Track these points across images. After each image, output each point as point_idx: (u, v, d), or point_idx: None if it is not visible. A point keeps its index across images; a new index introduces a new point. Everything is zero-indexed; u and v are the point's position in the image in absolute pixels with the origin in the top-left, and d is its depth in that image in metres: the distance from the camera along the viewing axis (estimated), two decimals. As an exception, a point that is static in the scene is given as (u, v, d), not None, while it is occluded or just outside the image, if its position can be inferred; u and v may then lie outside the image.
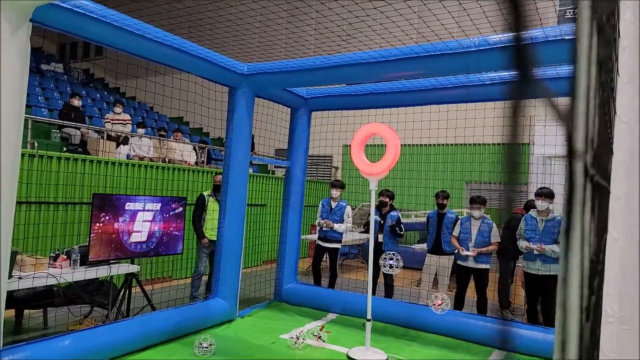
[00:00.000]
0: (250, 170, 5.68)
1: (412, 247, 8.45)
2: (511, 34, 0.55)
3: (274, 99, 5.95)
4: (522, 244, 5.24)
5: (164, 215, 5.06)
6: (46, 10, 3.23)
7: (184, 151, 8.79)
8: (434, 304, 4.85)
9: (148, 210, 4.90)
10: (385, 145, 4.29)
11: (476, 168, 9.69)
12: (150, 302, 4.94)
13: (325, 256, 6.65)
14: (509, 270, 6.29)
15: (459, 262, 5.68)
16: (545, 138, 6.27)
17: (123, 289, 4.81)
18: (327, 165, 13.01)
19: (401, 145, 4.32)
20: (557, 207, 5.36)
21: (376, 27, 4.61)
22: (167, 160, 8.31)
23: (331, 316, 5.74)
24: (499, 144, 9.77)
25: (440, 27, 4.02)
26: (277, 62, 5.13)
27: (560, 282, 0.79)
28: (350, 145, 4.72)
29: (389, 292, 6.15)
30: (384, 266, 4.89)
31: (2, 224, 2.98)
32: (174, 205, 5.22)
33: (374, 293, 5.82)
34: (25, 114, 3.36)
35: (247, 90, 5.33)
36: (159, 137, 8.97)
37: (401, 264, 4.81)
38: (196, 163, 9.07)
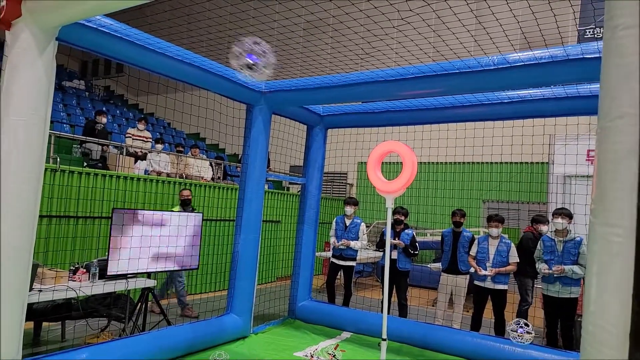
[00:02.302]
0: (265, 187, 5.70)
1: (428, 266, 8.34)
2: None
3: (291, 116, 6.00)
4: (541, 266, 5.12)
5: (182, 229, 5.09)
6: (71, 29, 3.33)
7: (200, 167, 8.89)
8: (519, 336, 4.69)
9: (165, 225, 4.94)
10: (402, 163, 4.28)
11: (493, 187, 9.58)
12: (166, 317, 4.94)
13: (339, 274, 6.60)
14: (526, 291, 6.15)
15: (476, 282, 5.57)
16: (566, 157, 6.19)
17: (139, 303, 4.83)
18: (342, 183, 13.00)
19: (418, 163, 4.30)
20: (577, 228, 5.24)
21: (393, 45, 4.65)
22: (184, 175, 8.41)
23: (346, 335, 5.67)
24: (516, 163, 9.67)
25: (459, 45, 4.03)
26: (294, 80, 5.19)
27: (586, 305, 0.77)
28: (365, 163, 4.71)
29: (403, 311, 6.06)
30: (514, 332, 4.70)
31: (25, 238, 3.04)
32: (190, 220, 5.25)
33: (388, 312, 5.73)
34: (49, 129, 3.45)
35: (264, 108, 5.40)
36: (176, 153, 9.10)
37: (532, 333, 4.65)
38: (212, 179, 9.16)
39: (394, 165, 4.63)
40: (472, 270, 5.64)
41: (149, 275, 4.93)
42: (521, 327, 4.66)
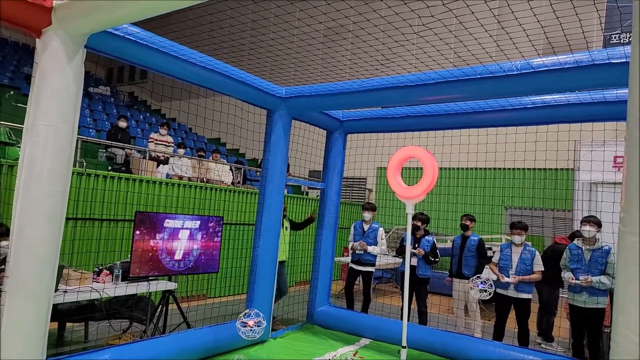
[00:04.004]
0: (285, 191, 5.73)
1: (448, 272, 8.22)
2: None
3: (310, 121, 6.03)
4: (567, 275, 4.99)
5: (202, 233, 5.16)
6: (99, 37, 3.41)
7: (221, 171, 9.00)
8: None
9: (186, 229, 5.01)
10: (422, 168, 4.25)
11: (516, 193, 9.41)
12: (186, 320, 5.00)
13: (358, 279, 6.57)
14: (552, 301, 6.01)
15: (498, 290, 5.47)
16: (592, 163, 6.04)
17: (160, 306, 4.90)
18: (361, 188, 12.97)
19: (438, 168, 4.26)
20: (603, 236, 5.10)
21: (414, 50, 4.63)
22: (205, 180, 8.52)
23: (364, 341, 5.63)
24: (540, 169, 9.48)
25: (480, 50, 3.99)
26: (314, 86, 5.22)
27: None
28: (385, 168, 4.69)
29: (423, 318, 5.98)
30: (475, 288, 4.76)
31: (52, 239, 3.12)
32: (211, 224, 5.31)
33: (408, 319, 5.67)
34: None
35: (284, 113, 5.44)
36: (197, 158, 9.23)
37: (493, 288, 4.69)
38: (232, 183, 9.25)
39: (415, 170, 4.59)
40: (495, 278, 5.57)
41: (169, 277, 5.00)
42: (482, 282, 4.62)
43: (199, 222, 5.16)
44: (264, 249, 5.32)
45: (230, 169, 9.53)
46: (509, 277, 5.29)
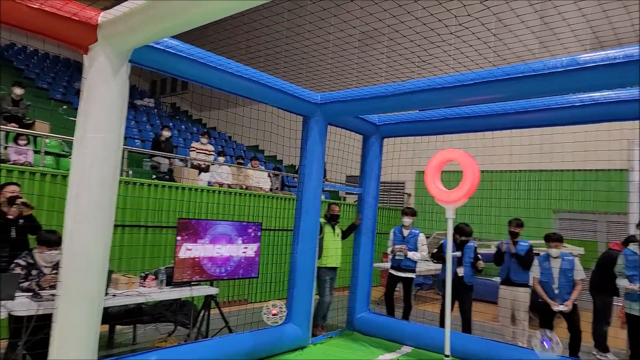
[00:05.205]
0: (322, 197, 5.74)
1: (494, 279, 7.94)
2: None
3: (346, 126, 6.01)
4: (622, 282, 4.70)
5: (242, 239, 5.25)
6: (142, 52, 3.54)
7: (260, 178, 9.13)
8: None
9: (227, 234, 5.11)
10: (462, 171, 4.13)
11: (565, 196, 8.97)
12: (228, 324, 5.09)
13: (398, 286, 6.46)
14: (605, 310, 5.67)
15: (541, 299, 5.24)
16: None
17: (203, 310, 5.01)
18: (400, 192, 12.80)
19: (480, 171, 4.13)
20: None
21: (451, 51, 4.53)
22: (244, 186, 8.67)
23: (406, 349, 5.52)
24: (591, 170, 9.00)
25: (522, 48, 3.85)
26: (349, 91, 5.21)
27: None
28: (424, 172, 4.60)
29: (467, 326, 5.80)
30: (538, 343, 4.46)
31: (102, 245, 3.27)
32: (250, 230, 5.39)
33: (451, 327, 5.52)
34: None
35: (320, 119, 5.46)
36: (237, 165, 9.41)
37: (560, 347, 4.36)
38: (270, 189, 9.36)
39: (455, 174, 4.47)
40: (531, 283, 5.36)
41: (211, 283, 5.11)
42: (548, 339, 4.31)
43: (238, 228, 5.25)
44: (302, 255, 5.34)
45: (269, 176, 9.66)
46: (556, 295, 5.05)
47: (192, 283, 4.84)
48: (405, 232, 6.32)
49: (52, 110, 9.63)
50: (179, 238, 4.71)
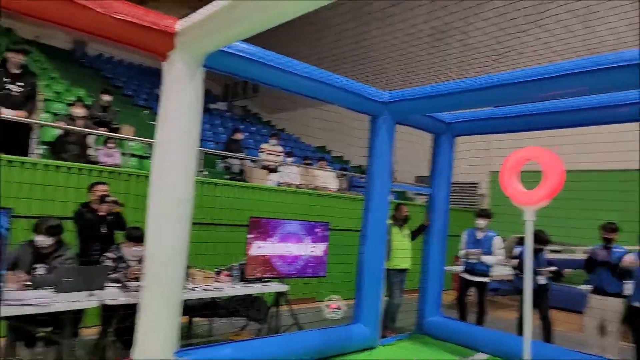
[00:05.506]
0: (391, 197, 5.65)
1: (579, 287, 7.33)
2: None
3: (415, 125, 5.86)
4: None
5: (310, 238, 5.31)
6: (215, 56, 3.67)
7: (327, 178, 9.20)
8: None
9: (295, 233, 5.20)
10: (542, 171, 3.84)
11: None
12: (297, 322, 5.17)
13: (470, 290, 6.19)
14: None
15: (634, 304, 4.75)
16: None
17: (273, 306, 5.14)
18: (473, 193, 12.27)
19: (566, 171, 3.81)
20: None
21: (531, 42, 4.24)
22: (312, 187, 8.77)
23: (480, 356, 5.25)
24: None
25: (613, 36, 3.50)
26: (418, 88, 5.06)
27: None
28: (499, 172, 4.34)
29: (547, 335, 5.41)
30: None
31: (181, 242, 3.46)
32: (318, 229, 5.45)
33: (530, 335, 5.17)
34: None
35: (388, 118, 5.36)
36: (304, 165, 9.56)
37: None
38: (338, 190, 9.39)
39: (533, 174, 4.17)
40: (627, 292, 4.86)
41: (281, 280, 5.22)
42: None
43: (307, 227, 5.32)
44: (370, 255, 5.30)
45: (337, 176, 9.70)
46: None
47: (263, 280, 4.98)
48: (480, 235, 6.03)
49: (136, 116, 10.40)
50: (250, 236, 4.87)
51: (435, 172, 6.21)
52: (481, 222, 6.04)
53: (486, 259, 5.87)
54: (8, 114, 5.13)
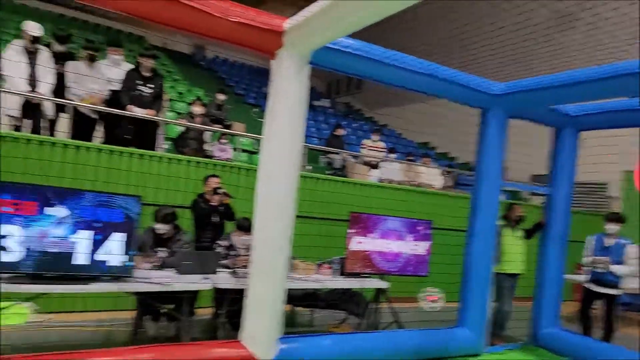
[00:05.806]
0: (502, 197, 5.25)
1: None
2: None
3: (532, 118, 5.36)
4: None
5: (412, 236, 5.18)
6: (320, 53, 3.70)
7: (431, 175, 8.89)
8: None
9: (396, 230, 5.10)
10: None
11: None
12: (398, 320, 5.08)
13: (596, 303, 5.51)
14: None
15: None
16: None
17: (373, 302, 5.11)
18: (601, 195, 10.93)
19: None
20: None
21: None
22: (415, 183, 8.54)
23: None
24: None
25: None
26: (536, 78, 4.61)
27: None
28: (634, 171, 3.77)
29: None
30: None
31: (286, 233, 3.59)
32: (420, 227, 5.28)
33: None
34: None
35: (500, 111, 4.98)
36: (407, 162, 9.33)
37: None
38: (443, 187, 9.02)
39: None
40: None
41: (381, 277, 5.16)
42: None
43: (408, 224, 5.19)
44: (477, 257, 4.99)
45: (441, 173, 9.32)
46: None
47: (363, 275, 4.97)
48: (609, 242, 5.33)
49: (246, 113, 11.08)
50: (350, 231, 4.89)
51: (555, 170, 5.63)
52: (612, 228, 5.32)
53: (616, 268, 5.17)
54: (140, 112, 5.78)
